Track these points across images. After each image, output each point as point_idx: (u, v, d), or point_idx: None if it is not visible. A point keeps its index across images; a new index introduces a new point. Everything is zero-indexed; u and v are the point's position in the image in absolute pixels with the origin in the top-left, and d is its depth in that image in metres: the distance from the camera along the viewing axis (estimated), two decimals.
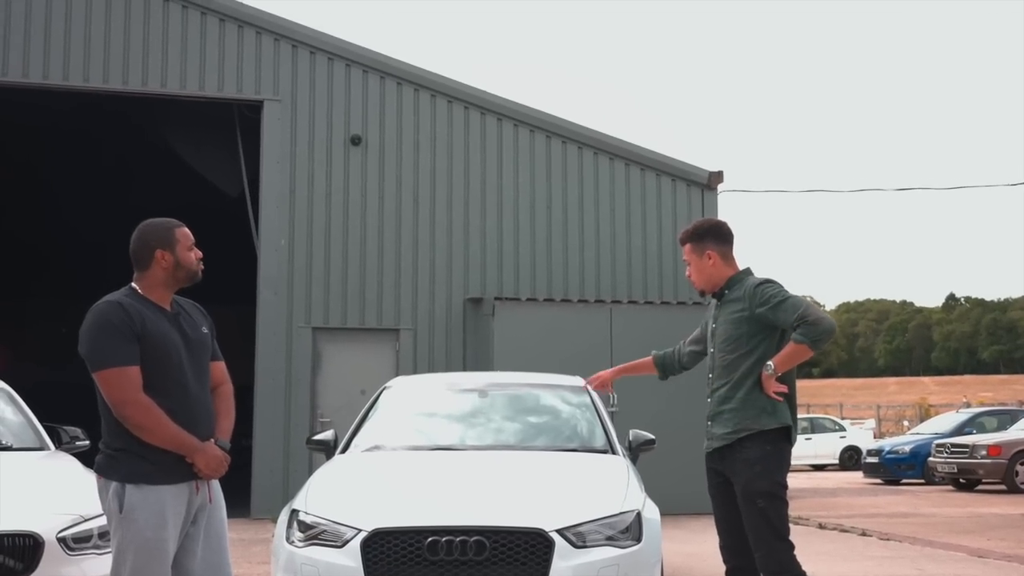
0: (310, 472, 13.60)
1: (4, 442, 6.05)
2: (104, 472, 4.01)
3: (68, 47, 13.46)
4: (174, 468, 3.99)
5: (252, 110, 14.28)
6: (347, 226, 14.21)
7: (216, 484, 4.23)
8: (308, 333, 13.90)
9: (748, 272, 4.89)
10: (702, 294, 4.99)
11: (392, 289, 14.24)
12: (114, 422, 3.99)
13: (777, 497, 4.58)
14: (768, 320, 4.65)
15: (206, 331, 4.29)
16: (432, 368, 13.81)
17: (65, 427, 6.53)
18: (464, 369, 13.85)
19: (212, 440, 4.12)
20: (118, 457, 3.97)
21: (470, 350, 14.29)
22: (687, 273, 5.01)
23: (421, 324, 14.28)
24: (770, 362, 4.58)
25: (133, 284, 4.16)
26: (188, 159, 15.76)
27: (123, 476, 3.94)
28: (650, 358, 5.31)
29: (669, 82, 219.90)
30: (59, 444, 6.39)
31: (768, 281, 4.72)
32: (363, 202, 14.30)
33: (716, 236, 4.88)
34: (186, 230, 4.23)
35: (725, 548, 4.83)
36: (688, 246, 4.92)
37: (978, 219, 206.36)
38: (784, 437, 4.65)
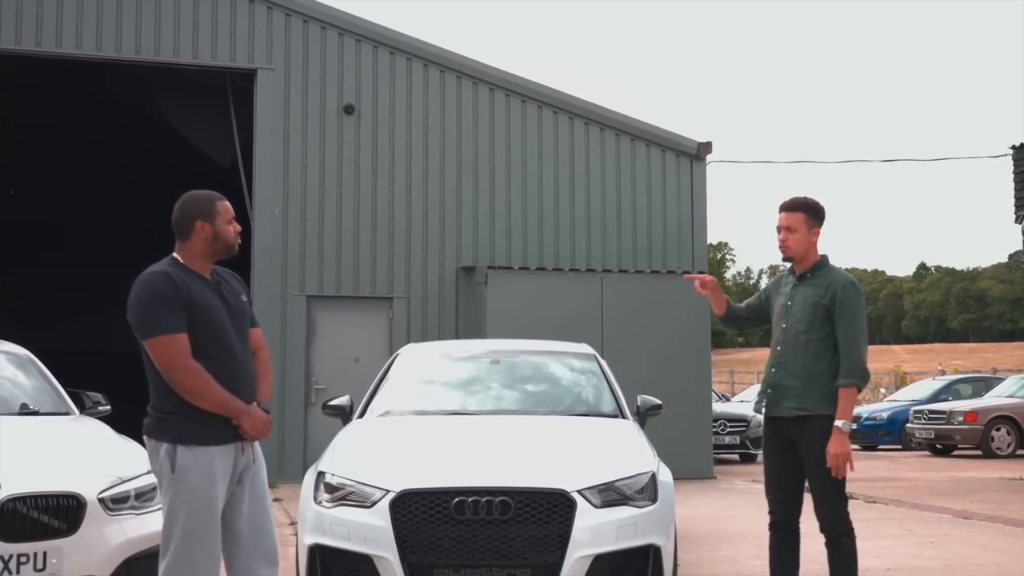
0: (306, 438, 13.80)
1: (32, 407, 6.16)
2: (154, 434, 4.16)
3: (60, 14, 13.41)
4: (222, 430, 4.15)
5: (245, 79, 14.29)
6: (341, 195, 14.29)
7: (258, 446, 4.40)
8: (303, 301, 14.01)
9: (828, 260, 5.16)
10: (788, 261, 5.16)
11: (385, 258, 14.35)
12: (163, 386, 4.13)
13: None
14: (834, 319, 4.98)
15: (245, 299, 4.46)
16: (425, 336, 13.95)
17: (87, 392, 6.65)
18: (456, 337, 14.01)
19: (255, 403, 4.28)
20: (168, 420, 4.12)
21: (463, 318, 14.45)
22: (781, 237, 5.10)
23: (414, 292, 14.41)
24: (839, 421, 4.85)
25: (175, 254, 4.30)
26: (180, 128, 15.75)
27: (174, 438, 4.09)
28: (726, 299, 5.48)
29: (657, 53, 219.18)
30: (82, 409, 6.50)
31: (854, 286, 5.02)
32: (356, 171, 14.38)
33: (822, 218, 5.12)
34: (227, 204, 4.37)
35: (775, 501, 5.16)
36: (803, 215, 5.07)
37: (954, 190, 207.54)
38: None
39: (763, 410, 5.19)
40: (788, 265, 5.25)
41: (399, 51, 14.63)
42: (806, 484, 5.08)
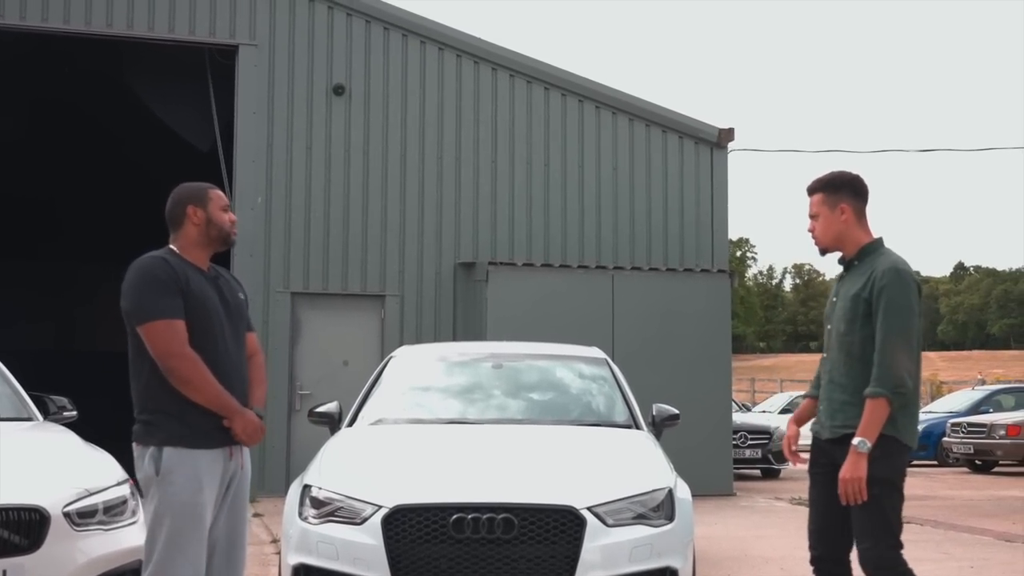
0: (289, 449, 13.77)
1: None
2: (141, 439, 4.23)
3: None
4: (210, 433, 4.21)
5: (226, 56, 14.24)
6: (329, 183, 14.25)
7: (247, 453, 4.43)
8: (287, 299, 13.98)
9: (882, 243, 4.70)
10: (823, 253, 4.78)
11: (377, 252, 14.32)
12: (155, 384, 4.19)
13: (895, 487, 4.46)
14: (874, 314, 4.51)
15: (243, 297, 4.62)
16: (420, 338, 13.91)
17: (52, 396, 6.61)
18: (454, 339, 13.98)
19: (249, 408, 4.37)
20: (153, 421, 4.18)
21: (461, 318, 14.42)
22: (809, 227, 4.76)
23: (408, 290, 14.37)
24: (857, 439, 4.35)
25: (170, 245, 4.43)
26: (155, 110, 15.69)
27: (160, 440, 4.15)
28: (809, 400, 4.92)
29: (675, 34, 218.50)
30: (46, 415, 6.47)
31: (899, 274, 4.51)
32: (346, 157, 14.34)
33: (853, 190, 4.68)
34: (220, 192, 4.54)
35: (815, 532, 4.71)
36: (820, 196, 4.69)
37: (996, 182, 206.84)
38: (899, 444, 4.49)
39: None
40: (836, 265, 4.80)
41: (394, 27, 14.59)
42: None
